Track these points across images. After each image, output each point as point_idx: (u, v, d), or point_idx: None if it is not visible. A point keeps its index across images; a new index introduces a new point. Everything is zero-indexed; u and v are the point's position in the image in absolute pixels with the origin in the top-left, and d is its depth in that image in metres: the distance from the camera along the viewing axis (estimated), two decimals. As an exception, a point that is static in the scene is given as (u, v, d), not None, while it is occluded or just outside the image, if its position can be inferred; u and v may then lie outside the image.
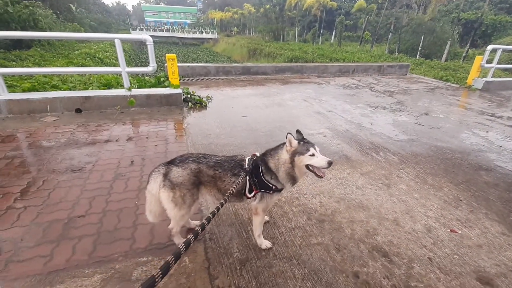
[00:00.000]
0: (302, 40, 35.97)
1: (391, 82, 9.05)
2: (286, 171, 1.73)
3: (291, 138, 1.68)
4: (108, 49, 17.86)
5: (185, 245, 0.95)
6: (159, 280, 0.58)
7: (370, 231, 2.23)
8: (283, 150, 1.75)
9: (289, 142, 1.69)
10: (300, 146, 1.68)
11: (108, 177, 2.83)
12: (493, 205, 2.66)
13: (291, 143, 1.69)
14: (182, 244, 1.00)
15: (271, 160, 1.77)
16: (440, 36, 21.27)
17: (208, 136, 3.99)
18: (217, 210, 1.33)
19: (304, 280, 1.76)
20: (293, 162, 1.69)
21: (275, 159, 1.76)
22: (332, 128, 4.52)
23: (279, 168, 1.74)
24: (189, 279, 1.73)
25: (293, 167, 1.71)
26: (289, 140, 1.69)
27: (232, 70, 8.62)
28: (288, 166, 1.72)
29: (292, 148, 1.69)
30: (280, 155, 1.75)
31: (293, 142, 1.69)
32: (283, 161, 1.73)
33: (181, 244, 1.01)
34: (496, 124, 5.14)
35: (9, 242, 1.96)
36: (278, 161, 1.75)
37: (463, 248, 2.10)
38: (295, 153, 1.68)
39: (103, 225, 2.16)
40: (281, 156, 1.74)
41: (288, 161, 1.71)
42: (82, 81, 6.00)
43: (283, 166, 1.73)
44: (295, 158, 1.68)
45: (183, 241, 1.02)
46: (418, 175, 3.16)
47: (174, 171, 1.69)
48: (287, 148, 1.71)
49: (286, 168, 1.73)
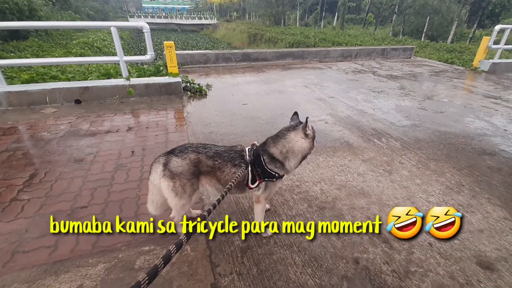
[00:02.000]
0: (304, 24, 35.08)
1: (395, 65, 8.85)
2: (304, 157, 1.76)
3: (309, 123, 1.70)
4: (106, 38, 17.57)
5: (187, 236, 0.94)
6: (161, 268, 0.59)
7: (371, 218, 2.23)
8: (298, 137, 1.72)
9: (310, 128, 1.70)
10: (315, 132, 1.75)
11: (109, 167, 2.84)
12: (495, 189, 2.64)
13: (310, 128, 1.71)
14: (183, 235, 0.99)
15: (276, 148, 1.74)
16: (446, 16, 20.60)
17: (209, 125, 3.96)
18: (218, 203, 1.32)
19: (305, 267, 1.79)
20: (312, 147, 1.75)
21: (285, 146, 1.72)
22: (334, 115, 4.46)
23: (294, 155, 1.73)
24: (191, 267, 1.75)
25: (309, 151, 1.76)
26: (310, 125, 1.70)
27: (232, 56, 8.47)
28: (307, 152, 1.75)
29: (311, 133, 1.72)
30: (294, 142, 1.72)
31: (310, 126, 1.72)
32: (301, 148, 1.72)
33: (183, 235, 1.00)
34: (502, 107, 5.04)
35: (14, 233, 1.99)
36: (293, 149, 1.72)
37: (464, 233, 2.10)
38: (314, 138, 1.75)
39: (106, 215, 2.18)
40: (297, 144, 1.72)
41: (308, 147, 1.73)
42: (81, 71, 5.94)
43: (301, 154, 1.73)
44: (313, 142, 1.75)
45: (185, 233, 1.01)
46: (421, 161, 3.13)
47: (174, 161, 1.69)
48: (307, 132, 1.70)
49: (305, 154, 1.75)
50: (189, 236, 0.95)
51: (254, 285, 1.65)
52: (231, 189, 1.47)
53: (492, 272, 1.78)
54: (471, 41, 18.12)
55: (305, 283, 1.68)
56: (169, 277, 1.68)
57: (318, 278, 1.71)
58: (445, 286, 1.68)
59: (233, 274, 1.72)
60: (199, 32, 45.31)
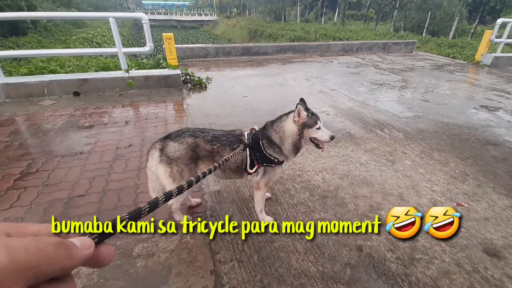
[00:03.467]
0: (304, 20, 34.82)
1: (397, 59, 8.77)
2: (294, 143, 1.69)
3: (300, 108, 1.63)
4: (106, 33, 17.46)
5: (178, 190, 0.73)
6: (145, 213, 0.54)
7: (374, 206, 2.19)
8: (289, 122, 1.68)
9: (298, 113, 1.64)
10: (309, 119, 1.65)
11: (107, 158, 2.80)
12: (500, 179, 2.59)
13: (300, 114, 1.64)
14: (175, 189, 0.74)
15: (274, 133, 1.71)
16: (447, 11, 20.41)
17: (208, 116, 3.91)
18: (214, 169, 1.13)
19: (307, 254, 1.74)
20: (301, 134, 1.66)
21: (280, 132, 1.69)
22: (335, 107, 4.41)
23: (285, 140, 1.68)
24: (191, 254, 1.71)
25: (300, 139, 1.68)
26: (299, 111, 1.63)
27: (232, 50, 8.39)
28: (296, 138, 1.68)
29: (301, 120, 1.64)
30: (286, 127, 1.69)
31: (302, 114, 1.64)
32: (290, 133, 1.67)
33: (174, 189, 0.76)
34: (505, 99, 4.98)
35: (10, 221, 1.95)
36: (284, 133, 1.68)
37: (470, 221, 2.06)
38: (304, 126, 1.65)
39: (104, 203, 2.14)
40: (288, 128, 1.68)
41: (296, 133, 1.66)
42: (80, 65, 5.87)
43: (291, 138, 1.68)
44: (304, 130, 1.64)
45: (176, 187, 0.74)
46: (424, 151, 3.08)
47: (171, 145, 1.64)
48: (295, 119, 1.64)
49: (294, 140, 1.68)
50: (180, 191, 0.71)
51: (255, 272, 1.61)
52: (223, 164, 1.27)
53: (499, 259, 1.74)
54: (473, 37, 17.97)
55: (307, 270, 1.64)
56: (168, 264, 1.64)
57: (320, 265, 1.67)
58: (451, 273, 1.64)
59: (233, 261, 1.68)
60: (199, 28, 45.05)
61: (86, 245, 0.33)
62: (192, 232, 1.91)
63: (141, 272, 1.59)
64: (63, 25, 16.33)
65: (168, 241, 1.81)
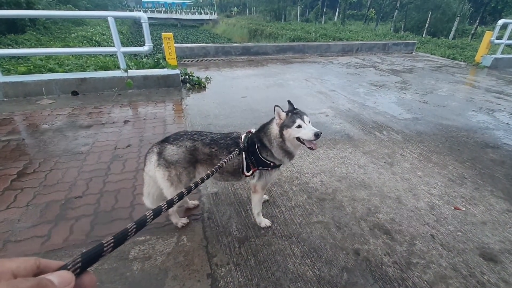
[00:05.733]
0: (305, 20, 34.79)
1: (396, 60, 8.77)
2: (279, 146, 1.65)
3: (279, 110, 1.59)
4: (105, 32, 17.41)
5: (169, 205, 0.70)
6: (132, 234, 0.52)
7: (371, 209, 2.19)
8: (273, 125, 1.66)
9: (277, 115, 1.61)
10: (287, 119, 1.59)
11: (105, 158, 2.78)
12: (498, 182, 2.60)
13: (280, 116, 1.61)
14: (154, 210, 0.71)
15: (265, 136, 1.69)
16: (447, 12, 20.41)
17: (207, 116, 3.90)
18: (207, 177, 1.12)
19: (304, 258, 1.74)
20: (282, 135, 1.61)
21: (268, 135, 1.68)
22: (334, 108, 4.40)
23: (272, 143, 1.66)
24: (187, 257, 1.71)
25: (284, 141, 1.63)
26: (278, 113, 1.60)
27: (232, 50, 8.37)
28: (279, 140, 1.64)
29: (280, 121, 1.61)
30: (271, 130, 1.67)
31: (281, 115, 1.61)
32: (274, 135, 1.65)
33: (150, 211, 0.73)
34: (504, 101, 4.98)
35: (6, 222, 1.94)
36: (270, 136, 1.67)
37: (467, 225, 2.06)
38: (283, 126, 1.59)
39: (101, 205, 2.13)
40: (272, 131, 1.66)
41: (278, 135, 1.63)
42: (79, 64, 5.85)
43: (275, 141, 1.65)
44: (283, 131, 1.59)
45: (155, 208, 0.72)
46: (422, 154, 3.08)
47: (169, 149, 1.63)
48: (276, 121, 1.63)
49: (278, 142, 1.65)
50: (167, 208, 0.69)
51: (251, 276, 1.61)
52: (219, 169, 1.27)
53: (495, 264, 1.74)
54: (473, 38, 17.98)
55: (304, 273, 1.63)
56: (164, 267, 1.64)
57: (317, 269, 1.67)
58: (448, 277, 1.64)
59: (230, 264, 1.68)
60: (199, 27, 44.93)
61: (65, 281, 0.32)
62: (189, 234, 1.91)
63: (137, 275, 1.59)
64: (62, 23, 16.30)
65: (165, 243, 1.80)
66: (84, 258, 0.37)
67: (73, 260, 0.36)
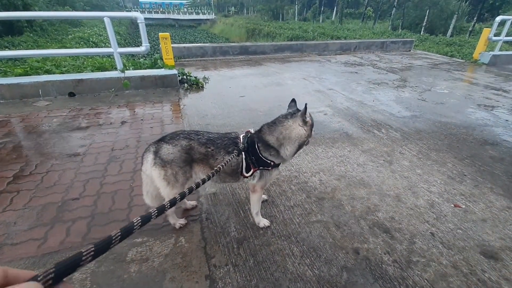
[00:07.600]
0: (302, 19, 34.74)
1: (394, 58, 8.76)
2: (300, 145, 1.68)
3: (310, 112, 1.63)
4: (102, 32, 17.35)
5: (159, 212, 0.69)
6: (116, 241, 0.50)
7: (371, 208, 2.17)
8: (296, 124, 1.63)
9: (309, 115, 1.63)
10: (311, 118, 1.68)
11: (102, 160, 2.76)
12: (498, 179, 2.59)
13: (310, 115, 1.64)
14: (155, 210, 0.71)
15: (272, 135, 1.65)
16: (445, 9, 20.39)
17: (205, 116, 3.88)
18: (208, 179, 1.16)
19: (303, 258, 1.72)
20: (310, 135, 1.69)
21: (282, 135, 1.64)
22: (333, 106, 4.39)
23: (290, 143, 1.65)
24: (185, 259, 1.69)
25: (307, 139, 1.70)
26: (310, 114, 1.63)
27: (230, 50, 8.35)
28: (304, 139, 1.67)
29: (309, 122, 1.65)
30: (291, 129, 1.63)
31: (309, 116, 1.65)
32: (298, 136, 1.63)
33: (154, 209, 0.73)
34: (503, 98, 4.97)
35: (2, 225, 1.92)
36: (290, 136, 1.63)
37: (467, 222, 2.04)
38: (312, 126, 1.68)
39: (98, 207, 2.11)
40: (294, 131, 1.63)
41: (305, 134, 1.65)
42: (76, 65, 5.82)
43: (298, 141, 1.65)
44: (312, 130, 1.68)
45: (157, 207, 0.71)
46: (421, 151, 3.07)
47: (165, 148, 1.61)
48: (306, 119, 1.62)
49: (302, 141, 1.67)
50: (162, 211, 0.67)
51: (250, 276, 1.59)
52: (217, 174, 1.30)
53: (496, 261, 1.73)
54: (471, 35, 17.96)
55: (304, 273, 1.62)
56: (162, 269, 1.62)
57: (317, 268, 1.65)
58: (449, 275, 1.62)
59: (228, 265, 1.66)
60: (196, 27, 44.81)
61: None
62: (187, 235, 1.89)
63: (134, 278, 1.57)
64: (59, 24, 16.24)
65: (163, 245, 1.79)
66: (59, 269, 0.35)
67: (45, 271, 0.34)
